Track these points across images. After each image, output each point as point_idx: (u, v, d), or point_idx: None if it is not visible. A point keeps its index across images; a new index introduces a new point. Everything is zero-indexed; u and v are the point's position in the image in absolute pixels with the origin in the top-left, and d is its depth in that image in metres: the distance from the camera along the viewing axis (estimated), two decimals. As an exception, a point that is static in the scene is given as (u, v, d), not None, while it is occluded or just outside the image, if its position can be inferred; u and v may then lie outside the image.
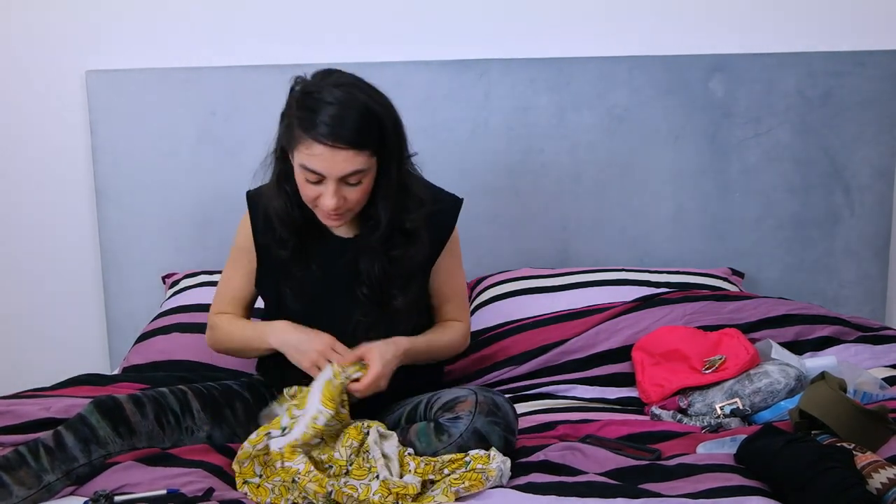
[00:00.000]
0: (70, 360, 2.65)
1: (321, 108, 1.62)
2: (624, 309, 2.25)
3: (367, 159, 1.65)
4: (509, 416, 1.69)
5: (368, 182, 1.69)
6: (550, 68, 2.60)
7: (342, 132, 1.61)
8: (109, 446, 1.61)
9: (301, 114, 1.64)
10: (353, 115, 1.62)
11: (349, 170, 1.64)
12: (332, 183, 1.64)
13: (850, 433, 1.60)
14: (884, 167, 2.64)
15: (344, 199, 1.67)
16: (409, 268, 1.80)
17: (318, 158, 1.63)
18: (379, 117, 1.66)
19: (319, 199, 1.67)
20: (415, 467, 1.58)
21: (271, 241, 1.81)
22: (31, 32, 2.63)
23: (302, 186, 1.69)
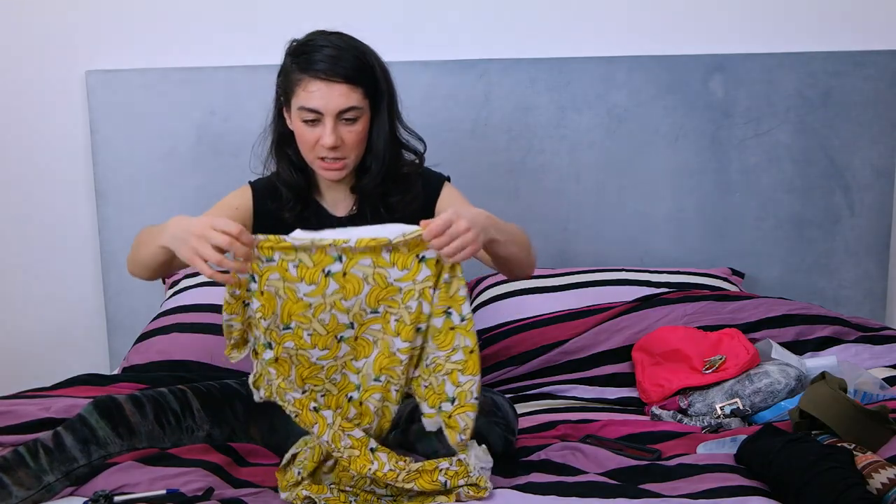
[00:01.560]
0: (70, 359, 2.65)
1: (317, 50, 1.73)
2: (624, 309, 2.25)
3: (362, 98, 1.73)
4: (509, 416, 1.69)
5: (363, 125, 1.75)
6: (550, 68, 2.60)
7: (338, 68, 1.70)
8: (109, 447, 1.60)
9: (298, 59, 1.74)
10: (347, 55, 1.72)
11: (345, 105, 1.71)
12: (329, 120, 1.71)
13: (850, 433, 1.60)
14: (884, 167, 2.64)
15: (342, 141, 1.73)
16: (406, 216, 1.79)
17: (315, 94, 1.70)
18: (371, 61, 1.76)
19: (319, 141, 1.73)
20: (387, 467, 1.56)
21: (277, 210, 1.84)
22: (31, 33, 2.63)
23: (301, 134, 1.76)
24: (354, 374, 1.60)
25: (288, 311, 1.55)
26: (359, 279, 1.53)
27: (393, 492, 1.54)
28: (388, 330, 1.55)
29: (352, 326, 1.57)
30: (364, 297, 1.54)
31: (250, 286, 1.54)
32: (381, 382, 1.58)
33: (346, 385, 1.60)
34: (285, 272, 1.53)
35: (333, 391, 1.60)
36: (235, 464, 1.68)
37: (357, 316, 1.56)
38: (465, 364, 1.54)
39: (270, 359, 1.57)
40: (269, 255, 1.52)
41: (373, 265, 1.53)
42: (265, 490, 1.58)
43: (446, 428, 1.55)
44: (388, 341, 1.56)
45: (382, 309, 1.55)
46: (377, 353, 1.57)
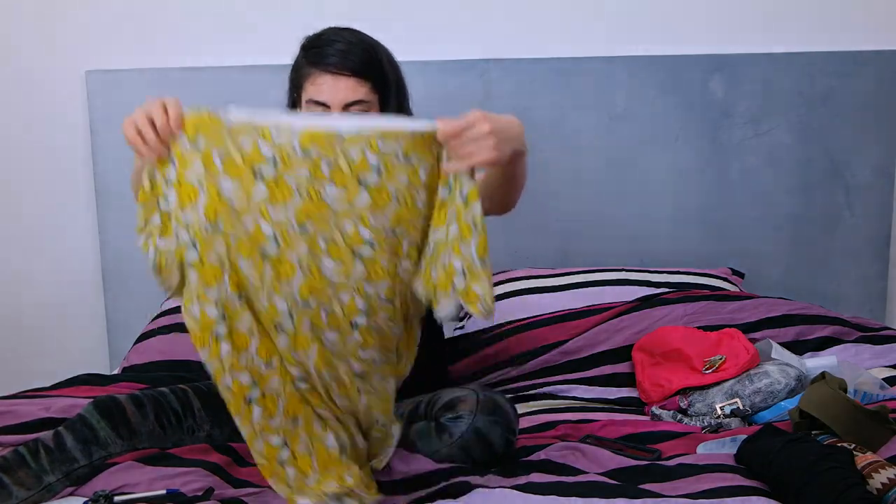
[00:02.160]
0: (70, 359, 2.65)
1: (328, 45, 1.74)
2: (624, 309, 2.25)
3: (370, 93, 1.74)
4: (510, 416, 1.69)
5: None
6: (550, 68, 2.60)
7: (346, 62, 1.72)
8: (110, 447, 1.60)
9: (308, 53, 1.76)
10: (356, 49, 1.74)
11: (352, 98, 1.72)
12: (336, 112, 1.72)
13: (850, 433, 1.60)
14: (884, 167, 2.64)
15: None
16: None
17: (323, 88, 1.72)
18: (380, 56, 1.78)
19: None
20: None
21: None
22: (30, 33, 2.63)
23: None
24: (280, 297, 1.40)
25: (210, 207, 1.35)
26: (290, 188, 1.35)
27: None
28: (316, 250, 1.37)
29: (275, 240, 1.37)
30: (294, 212, 1.36)
31: (168, 174, 1.37)
32: (311, 307, 1.40)
33: (273, 311, 1.40)
34: (209, 161, 1.36)
35: (263, 316, 1.40)
36: (235, 464, 1.68)
37: (283, 230, 1.37)
38: (462, 234, 1.43)
39: (196, 261, 1.36)
40: (192, 136, 1.37)
41: (310, 176, 1.35)
42: (265, 490, 1.58)
43: (467, 303, 1.43)
44: (316, 264, 1.38)
45: (311, 228, 1.37)
46: (303, 277, 1.38)
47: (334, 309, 1.41)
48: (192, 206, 1.36)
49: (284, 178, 1.35)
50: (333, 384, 1.48)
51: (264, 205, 1.35)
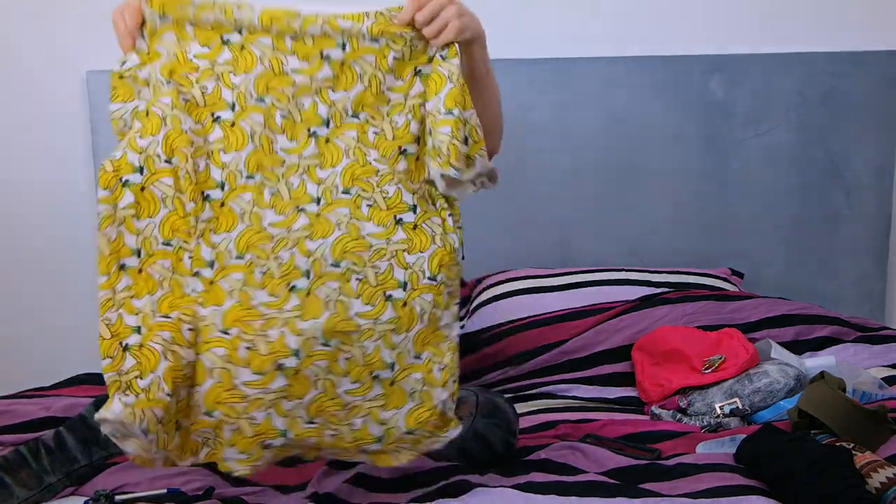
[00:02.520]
0: (70, 359, 2.65)
1: None
2: (624, 309, 2.26)
3: None
4: (510, 418, 1.70)
5: None
6: (550, 68, 2.61)
7: None
8: (111, 447, 1.60)
9: None
10: None
11: None
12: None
13: (849, 433, 1.61)
14: (883, 167, 2.64)
15: None
16: None
17: None
18: None
19: None
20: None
21: None
22: (31, 32, 2.64)
23: None
24: (218, 167, 1.36)
25: (170, 67, 1.38)
26: (254, 56, 1.34)
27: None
28: (271, 125, 1.36)
29: (232, 108, 1.36)
30: (253, 79, 1.35)
31: (140, 72, 1.42)
32: (254, 180, 1.35)
33: (207, 180, 1.36)
34: (182, 31, 1.37)
35: (192, 177, 1.35)
36: (236, 463, 1.68)
37: (241, 97, 1.35)
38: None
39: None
40: (161, 12, 1.40)
41: (273, 47, 1.34)
42: (265, 489, 1.59)
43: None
44: (268, 137, 1.37)
45: (270, 99, 1.35)
46: (252, 149, 1.35)
47: (280, 189, 1.36)
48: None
49: (249, 46, 1.34)
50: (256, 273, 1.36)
51: (227, 70, 1.35)
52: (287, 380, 1.33)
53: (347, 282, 1.34)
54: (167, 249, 1.35)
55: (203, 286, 1.34)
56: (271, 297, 1.33)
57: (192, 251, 1.34)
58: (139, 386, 1.30)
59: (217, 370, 1.33)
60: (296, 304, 1.33)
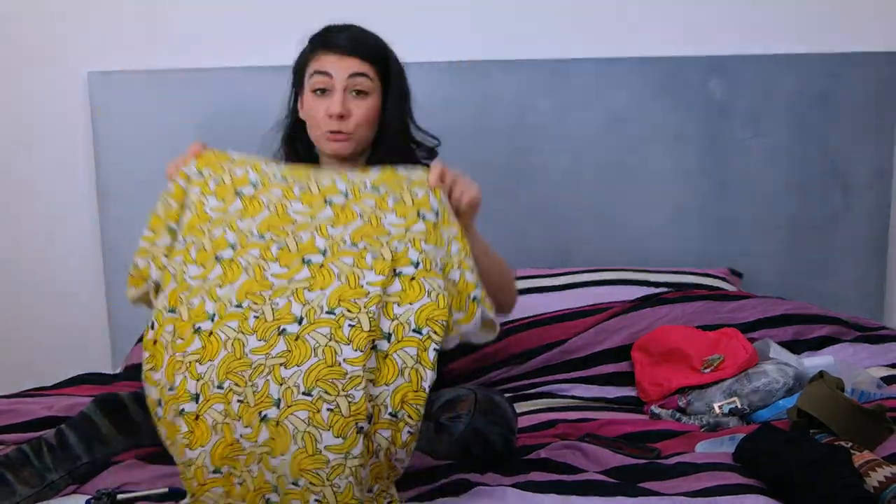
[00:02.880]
0: (72, 359, 2.66)
1: (338, 32, 1.79)
2: (623, 309, 2.26)
3: (374, 74, 1.77)
4: (508, 415, 1.70)
5: (373, 103, 1.78)
6: (550, 69, 2.61)
7: (354, 46, 1.76)
8: (112, 444, 1.61)
9: (317, 39, 1.80)
10: (365, 37, 1.80)
11: (356, 69, 1.75)
12: (340, 87, 1.74)
13: (847, 432, 1.61)
14: (882, 167, 2.65)
15: (349, 112, 1.76)
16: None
17: (328, 61, 1.76)
18: (388, 53, 1.82)
19: (327, 110, 1.75)
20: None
21: None
22: (33, 34, 2.64)
23: (310, 107, 1.79)
24: (213, 301, 1.39)
25: (189, 224, 1.49)
26: (261, 204, 1.47)
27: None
28: (267, 256, 1.42)
29: (234, 248, 1.44)
30: (258, 222, 1.45)
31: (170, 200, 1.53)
32: (241, 309, 1.39)
33: (199, 313, 1.39)
34: (205, 186, 1.51)
35: (185, 317, 1.40)
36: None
37: (243, 237, 1.44)
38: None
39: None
40: (200, 167, 1.52)
41: (282, 196, 1.48)
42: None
43: (488, 308, 1.48)
44: (261, 266, 1.42)
45: (269, 235, 1.44)
46: (246, 279, 1.40)
47: (265, 314, 1.38)
48: (175, 222, 1.51)
49: (260, 196, 1.49)
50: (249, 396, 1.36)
51: (235, 217, 1.48)
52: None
53: (318, 412, 1.31)
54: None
55: (187, 426, 1.36)
56: (245, 429, 1.33)
57: (178, 387, 1.36)
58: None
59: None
60: (265, 437, 1.32)
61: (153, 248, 1.51)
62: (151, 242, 1.52)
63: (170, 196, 1.54)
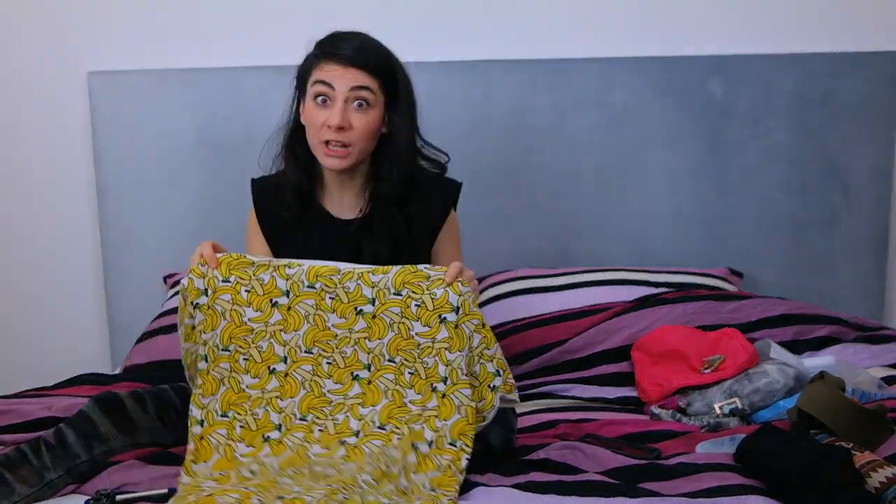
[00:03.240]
0: (71, 359, 2.66)
1: (345, 41, 1.75)
2: (623, 309, 2.26)
3: (377, 87, 1.74)
4: (508, 415, 1.70)
5: (374, 116, 1.75)
6: (550, 69, 2.61)
7: (359, 57, 1.73)
8: (111, 442, 1.61)
9: (323, 46, 1.76)
10: (371, 49, 1.76)
11: (358, 82, 1.72)
12: (340, 99, 1.72)
13: (848, 432, 1.61)
14: (882, 167, 2.65)
15: (349, 123, 1.72)
16: (420, 229, 1.82)
17: (330, 72, 1.73)
18: (394, 65, 1.78)
19: (326, 121, 1.73)
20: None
21: (275, 209, 1.85)
22: (32, 34, 2.64)
23: (310, 115, 1.75)
24: (276, 413, 1.61)
25: (229, 333, 1.61)
26: (301, 316, 1.60)
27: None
28: (319, 372, 1.61)
29: (284, 361, 1.61)
30: (302, 335, 1.61)
31: (200, 300, 1.60)
32: (306, 422, 1.61)
33: (266, 423, 1.61)
34: (237, 294, 1.60)
35: (253, 426, 1.61)
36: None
37: (292, 352, 1.61)
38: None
39: (203, 370, 1.62)
40: (226, 275, 1.60)
41: (315, 307, 1.60)
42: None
43: (508, 394, 1.66)
44: (318, 382, 1.61)
45: (316, 350, 1.61)
46: (304, 394, 1.61)
47: (326, 425, 1.60)
48: (212, 330, 1.61)
49: (296, 307, 1.61)
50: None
51: (277, 329, 1.61)
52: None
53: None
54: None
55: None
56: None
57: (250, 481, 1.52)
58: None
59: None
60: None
61: (181, 327, 1.64)
62: (180, 321, 1.64)
63: (185, 291, 1.62)
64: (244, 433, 1.60)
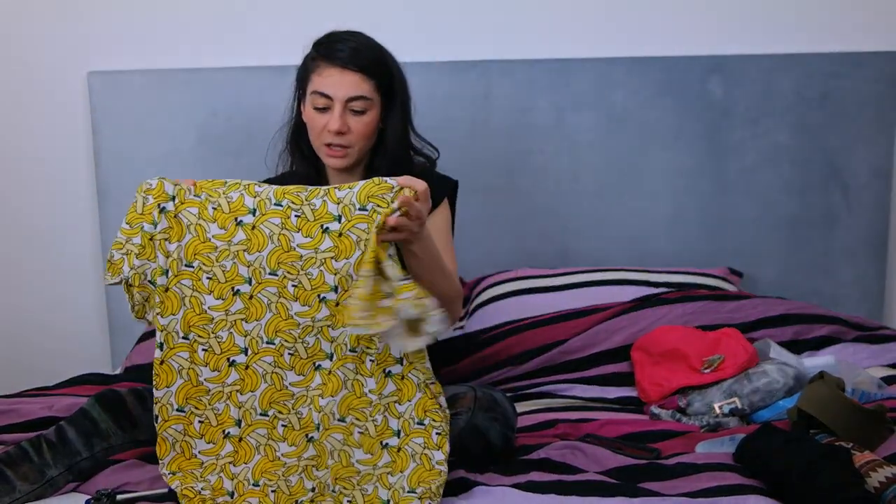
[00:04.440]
0: (72, 360, 2.66)
1: (340, 41, 1.79)
2: (623, 309, 2.26)
3: (373, 91, 1.79)
4: (508, 412, 1.70)
5: (372, 118, 1.80)
6: (550, 69, 2.61)
7: (355, 59, 1.77)
8: (111, 439, 1.61)
9: (321, 47, 1.81)
10: (367, 50, 1.80)
11: (355, 93, 1.77)
12: (338, 106, 1.77)
13: (848, 432, 1.61)
14: (881, 167, 2.65)
15: (348, 128, 1.78)
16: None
17: (328, 80, 1.77)
18: (389, 63, 1.83)
19: (326, 126, 1.78)
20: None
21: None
22: (33, 34, 2.64)
23: (311, 119, 1.81)
24: (242, 336, 1.55)
25: (194, 248, 1.54)
26: (265, 236, 1.53)
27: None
28: (285, 294, 1.53)
29: (249, 282, 1.54)
30: (266, 255, 1.53)
31: (167, 205, 1.55)
32: (274, 345, 1.54)
33: (230, 346, 1.55)
34: (203, 210, 1.55)
35: (216, 350, 1.55)
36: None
37: (256, 273, 1.53)
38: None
39: (161, 287, 1.54)
40: (198, 192, 1.57)
41: (280, 226, 1.53)
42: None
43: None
44: (285, 304, 1.53)
45: (281, 273, 1.53)
46: (271, 316, 1.54)
47: (297, 350, 1.55)
48: (177, 242, 1.55)
49: (260, 226, 1.54)
50: (279, 428, 1.57)
51: (241, 249, 1.54)
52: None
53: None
54: (180, 415, 1.57)
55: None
56: (289, 447, 1.56)
57: (222, 412, 1.56)
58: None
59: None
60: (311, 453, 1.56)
61: (128, 245, 1.54)
62: (128, 238, 1.54)
63: (150, 192, 1.56)
64: (207, 356, 1.55)
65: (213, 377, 1.55)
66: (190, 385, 1.56)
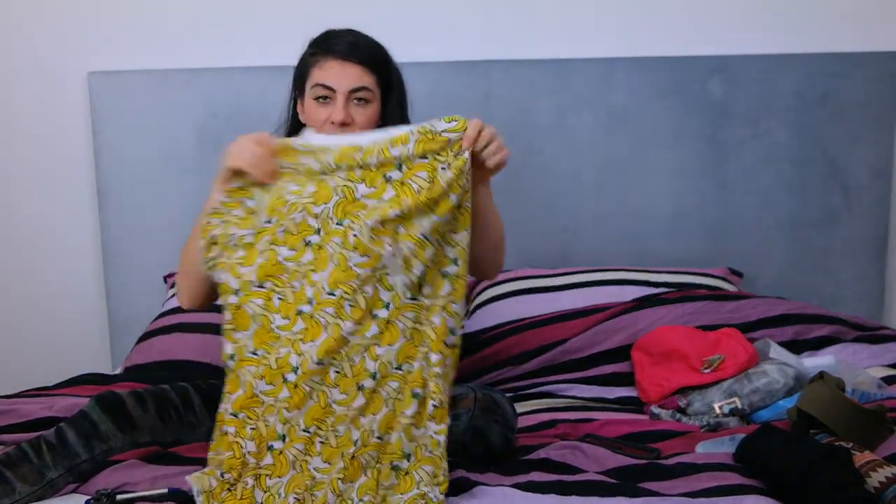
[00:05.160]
0: (72, 360, 2.66)
1: (338, 37, 1.79)
2: (623, 309, 2.26)
3: (374, 84, 1.78)
4: (508, 414, 1.70)
5: (374, 110, 1.79)
6: (550, 69, 2.61)
7: (355, 52, 1.77)
8: (111, 441, 1.61)
9: (317, 44, 1.80)
10: (366, 44, 1.80)
11: (358, 83, 1.75)
12: (341, 97, 1.75)
13: (848, 432, 1.61)
14: (881, 167, 2.65)
15: (352, 119, 1.77)
16: None
17: (330, 72, 1.76)
18: (387, 58, 1.82)
19: (329, 118, 1.76)
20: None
21: None
22: (33, 34, 2.64)
23: (311, 113, 1.79)
24: (311, 286, 1.56)
25: (271, 205, 1.59)
26: (329, 188, 1.56)
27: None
28: (346, 244, 1.54)
29: (318, 233, 1.56)
30: (332, 207, 1.56)
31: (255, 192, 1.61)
32: (334, 297, 1.54)
33: (301, 297, 1.56)
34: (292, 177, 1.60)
35: (290, 298, 1.56)
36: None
37: (325, 223, 1.56)
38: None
39: (251, 243, 1.59)
40: (282, 161, 1.60)
41: (345, 178, 1.56)
42: (267, 488, 1.59)
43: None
44: (344, 255, 1.54)
45: (346, 223, 1.55)
46: (333, 267, 1.55)
47: (357, 300, 1.54)
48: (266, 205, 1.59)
49: (328, 180, 1.57)
50: (332, 374, 1.55)
51: (309, 202, 1.57)
52: None
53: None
54: (253, 357, 1.57)
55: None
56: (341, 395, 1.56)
57: (282, 356, 1.55)
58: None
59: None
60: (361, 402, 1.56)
61: (228, 216, 1.63)
62: (228, 210, 1.63)
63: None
64: (282, 305, 1.57)
65: (283, 325, 1.56)
66: (263, 331, 1.56)
